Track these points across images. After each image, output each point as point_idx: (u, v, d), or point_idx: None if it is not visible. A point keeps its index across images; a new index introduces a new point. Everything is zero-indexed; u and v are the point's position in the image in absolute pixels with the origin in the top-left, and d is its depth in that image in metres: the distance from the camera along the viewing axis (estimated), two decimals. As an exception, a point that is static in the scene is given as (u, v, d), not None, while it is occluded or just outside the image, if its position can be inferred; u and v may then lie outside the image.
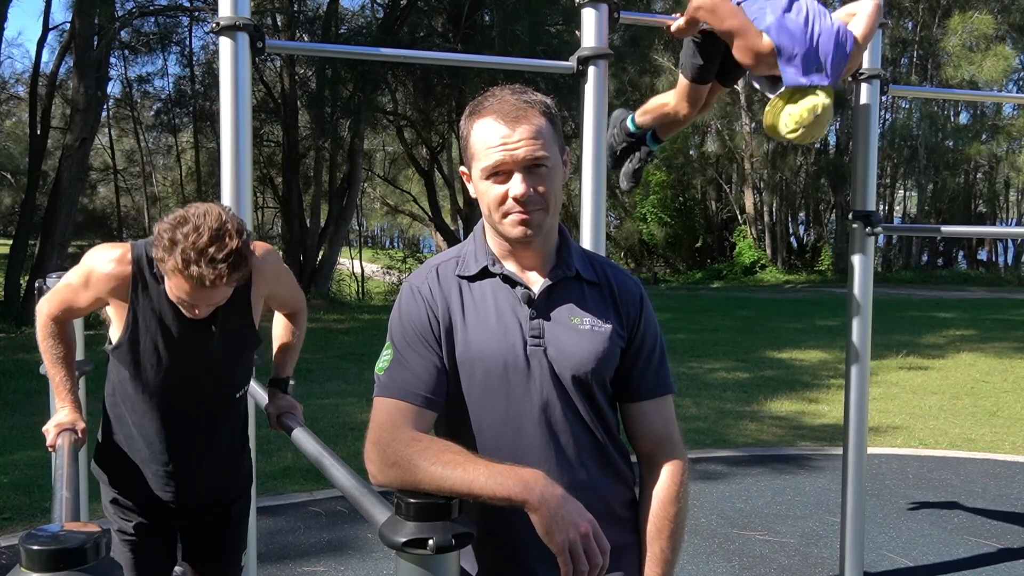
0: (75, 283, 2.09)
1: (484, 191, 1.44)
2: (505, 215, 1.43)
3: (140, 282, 2.05)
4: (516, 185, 1.41)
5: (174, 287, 1.92)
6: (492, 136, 1.41)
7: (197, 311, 1.99)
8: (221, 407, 2.22)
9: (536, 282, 1.50)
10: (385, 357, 1.47)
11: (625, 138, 3.77)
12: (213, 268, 1.83)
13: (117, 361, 2.12)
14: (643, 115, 3.68)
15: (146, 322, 2.06)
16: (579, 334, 1.47)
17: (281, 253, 20.83)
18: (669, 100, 3.54)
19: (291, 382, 2.41)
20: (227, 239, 1.85)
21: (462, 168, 1.54)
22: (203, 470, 2.22)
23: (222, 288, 1.91)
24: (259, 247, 2.19)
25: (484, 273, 1.50)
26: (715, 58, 3.39)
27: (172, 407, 2.14)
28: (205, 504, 2.27)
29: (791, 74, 3.04)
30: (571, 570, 1.23)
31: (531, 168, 1.42)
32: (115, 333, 2.11)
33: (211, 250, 1.82)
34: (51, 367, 2.17)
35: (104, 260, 2.04)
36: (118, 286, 2.04)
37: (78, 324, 2.77)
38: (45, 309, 2.15)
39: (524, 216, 1.42)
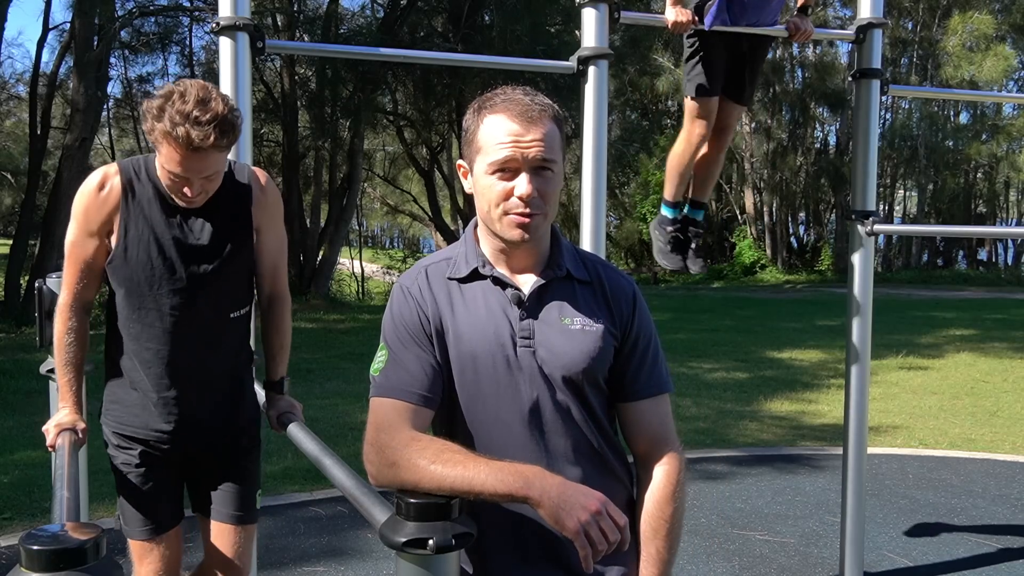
0: (76, 234, 2.08)
1: (487, 186, 1.44)
2: (505, 213, 1.43)
3: (130, 191, 2.07)
4: (522, 184, 1.41)
5: (164, 159, 1.95)
6: (503, 132, 1.41)
7: (189, 191, 1.98)
8: (218, 326, 2.17)
9: (527, 283, 1.50)
10: (380, 358, 1.47)
11: (670, 233, 3.58)
12: (200, 129, 1.87)
13: (112, 278, 2.11)
14: (667, 190, 3.55)
15: (138, 231, 2.06)
16: (569, 334, 1.47)
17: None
18: (681, 144, 3.43)
19: (286, 381, 2.39)
20: (212, 103, 1.90)
21: (459, 162, 1.53)
22: (204, 393, 2.18)
23: (211, 155, 1.93)
24: (264, 175, 2.22)
25: (475, 275, 1.50)
26: (719, 66, 3.36)
27: (168, 325, 2.10)
28: (210, 431, 2.22)
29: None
30: (589, 552, 1.23)
31: (538, 170, 1.42)
32: (113, 245, 2.09)
33: (196, 112, 1.87)
34: (61, 367, 2.15)
35: (91, 185, 2.07)
36: (114, 204, 2.06)
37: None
38: (61, 298, 2.13)
39: (524, 220, 1.42)
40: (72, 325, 2.13)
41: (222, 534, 2.26)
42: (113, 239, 2.08)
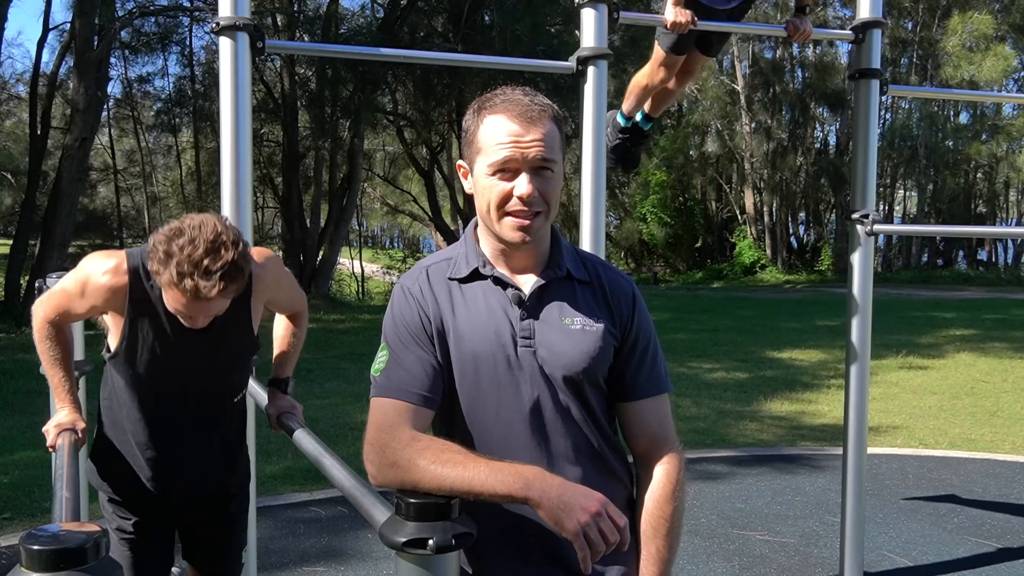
0: (71, 290, 2.08)
1: (487, 187, 1.44)
2: (506, 214, 1.43)
3: (136, 292, 2.03)
4: (522, 184, 1.41)
5: (171, 299, 1.91)
6: (503, 133, 1.41)
7: (195, 322, 1.98)
8: (218, 412, 2.21)
9: (527, 283, 1.50)
10: (381, 358, 1.47)
11: (618, 135, 3.78)
12: (208, 280, 1.81)
13: (114, 370, 2.12)
14: (626, 102, 3.70)
15: (143, 333, 2.04)
16: (570, 334, 1.47)
17: (281, 253, 20.84)
18: (644, 77, 3.56)
19: (291, 382, 2.41)
20: (223, 251, 1.83)
21: (460, 162, 1.53)
22: (200, 470, 2.22)
23: (218, 300, 1.89)
24: (259, 253, 2.18)
25: (475, 275, 1.50)
26: (693, 32, 3.40)
27: (169, 414, 2.13)
28: (202, 500, 2.27)
29: None
30: (588, 554, 1.23)
31: (538, 170, 1.42)
32: (112, 342, 2.10)
33: (206, 262, 1.80)
34: (49, 368, 2.17)
35: (99, 271, 2.02)
36: (113, 297, 2.02)
37: (77, 325, 2.77)
38: (41, 312, 2.14)
39: (524, 222, 1.42)
40: (49, 332, 2.15)
41: None
42: (114, 336, 2.08)
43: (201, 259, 1.80)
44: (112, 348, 2.09)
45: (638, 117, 3.80)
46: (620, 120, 3.78)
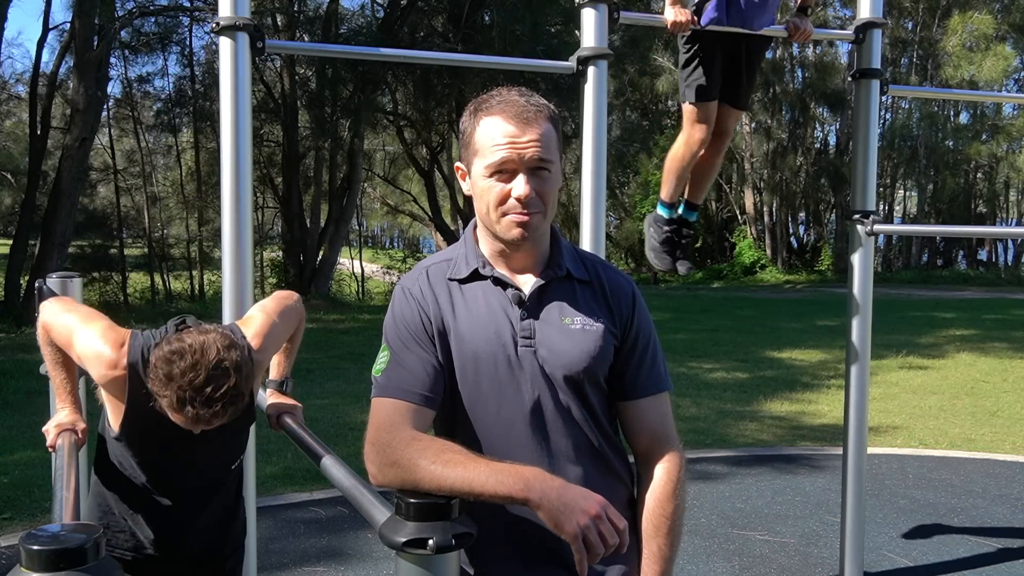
0: (72, 343, 1.99)
1: (485, 188, 1.44)
2: (504, 215, 1.44)
3: (136, 384, 1.92)
4: (519, 185, 1.41)
5: (171, 416, 1.82)
6: (499, 134, 1.41)
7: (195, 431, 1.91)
8: (219, 480, 2.17)
9: (527, 283, 1.50)
10: (382, 359, 1.47)
11: (664, 229, 3.57)
12: (209, 409, 1.74)
13: (112, 450, 2.05)
14: (664, 188, 3.53)
15: (144, 423, 1.96)
16: (570, 334, 1.47)
17: (281, 253, 20.84)
18: (680, 147, 3.41)
19: (290, 382, 2.41)
20: (224, 378, 1.75)
21: (457, 164, 1.53)
22: (195, 533, 2.17)
23: (217, 423, 1.82)
24: (253, 337, 2.04)
25: (475, 276, 1.51)
26: (717, 69, 3.34)
27: (166, 489, 2.08)
28: (201, 559, 2.22)
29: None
30: (585, 556, 1.23)
31: (535, 170, 1.42)
32: (113, 422, 2.01)
33: (207, 390, 1.73)
34: (52, 368, 2.16)
35: (99, 359, 1.92)
36: (111, 384, 1.94)
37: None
38: (47, 319, 2.09)
39: (523, 219, 1.43)
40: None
41: None
42: (114, 418, 2.00)
43: (202, 387, 1.73)
44: (114, 429, 2.01)
45: (680, 210, 3.62)
46: (662, 211, 3.58)
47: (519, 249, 1.49)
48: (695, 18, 3.22)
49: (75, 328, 2.01)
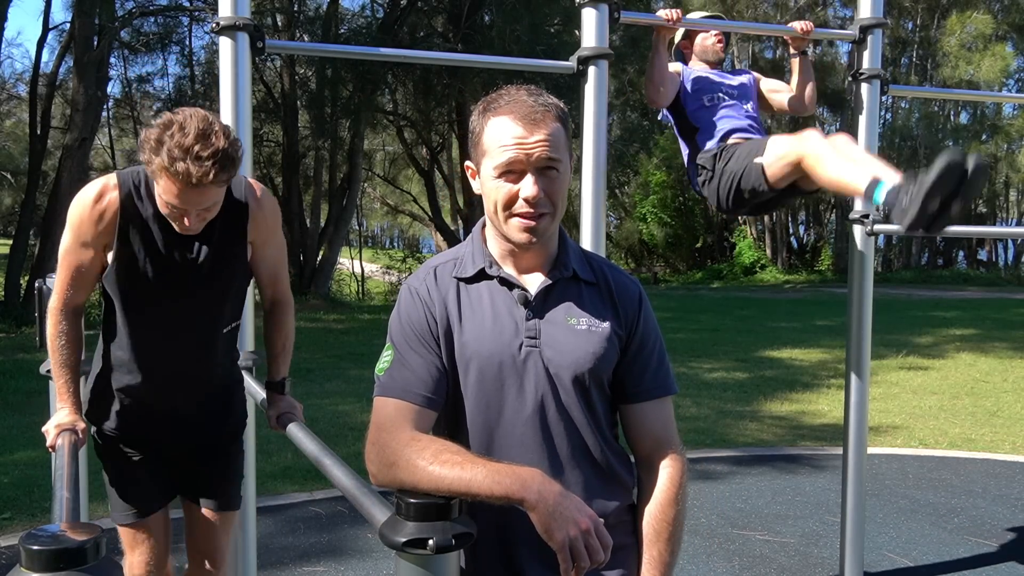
0: (69, 243, 2.07)
1: (493, 189, 1.44)
2: (512, 216, 1.43)
3: (129, 207, 2.03)
4: (528, 186, 1.41)
5: (162, 191, 1.91)
6: (507, 135, 1.41)
7: (187, 221, 1.96)
8: (211, 340, 2.22)
9: (534, 283, 1.50)
10: (385, 358, 1.47)
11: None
12: (199, 165, 1.82)
13: (108, 289, 2.11)
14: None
15: (136, 247, 2.05)
16: (576, 334, 1.47)
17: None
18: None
19: (288, 382, 2.41)
20: (214, 138, 1.85)
21: (467, 163, 1.53)
22: (194, 400, 2.24)
23: (210, 189, 1.90)
24: (260, 188, 2.20)
25: (481, 275, 1.50)
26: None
27: (160, 338, 2.14)
28: (199, 434, 2.30)
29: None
30: (570, 567, 1.23)
31: (543, 170, 1.42)
32: (108, 274, 2.10)
33: (197, 148, 1.82)
34: (57, 368, 2.17)
35: (88, 200, 2.03)
36: (108, 220, 2.03)
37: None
38: (53, 302, 2.14)
39: (530, 222, 1.42)
40: (63, 328, 2.14)
41: (202, 519, 2.39)
42: (109, 254, 2.08)
43: (192, 144, 1.82)
44: (107, 269, 2.08)
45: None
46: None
47: (527, 249, 1.48)
48: (679, 13, 3.29)
49: (64, 234, 2.08)
